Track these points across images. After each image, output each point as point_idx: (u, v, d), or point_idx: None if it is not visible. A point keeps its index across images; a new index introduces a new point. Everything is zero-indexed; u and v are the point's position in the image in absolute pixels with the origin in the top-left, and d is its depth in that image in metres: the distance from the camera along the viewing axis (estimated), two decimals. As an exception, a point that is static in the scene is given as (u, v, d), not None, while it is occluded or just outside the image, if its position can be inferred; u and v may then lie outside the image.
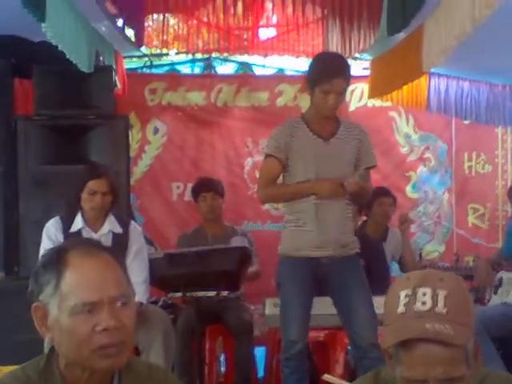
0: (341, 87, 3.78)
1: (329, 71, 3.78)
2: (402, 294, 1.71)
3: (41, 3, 3.79)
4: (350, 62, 6.90)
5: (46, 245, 4.15)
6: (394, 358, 1.71)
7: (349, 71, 3.89)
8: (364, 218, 5.88)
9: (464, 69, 6.23)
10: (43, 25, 3.89)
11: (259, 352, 5.30)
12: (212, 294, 4.65)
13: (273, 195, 3.98)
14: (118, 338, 1.70)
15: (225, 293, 4.72)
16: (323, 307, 3.98)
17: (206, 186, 5.50)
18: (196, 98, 6.94)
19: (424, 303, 1.67)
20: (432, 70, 5.88)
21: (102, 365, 1.71)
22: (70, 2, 4.39)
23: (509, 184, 6.90)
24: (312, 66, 3.94)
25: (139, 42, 6.41)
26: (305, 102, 5.65)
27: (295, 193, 3.86)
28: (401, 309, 1.69)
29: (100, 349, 1.69)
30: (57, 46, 4.15)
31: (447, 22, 4.24)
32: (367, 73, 6.62)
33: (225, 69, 7.31)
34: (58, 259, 1.74)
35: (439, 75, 6.45)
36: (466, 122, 7.01)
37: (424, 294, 1.68)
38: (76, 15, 4.51)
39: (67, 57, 4.31)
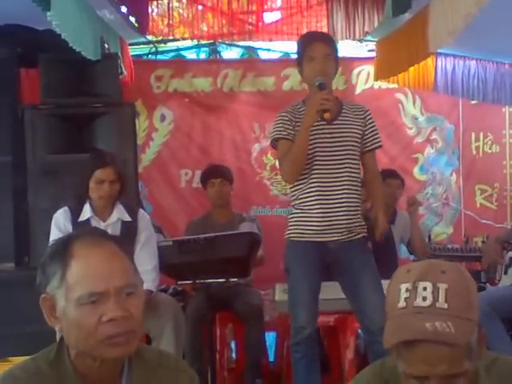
0: (323, 50, 3.81)
1: (308, 39, 3.92)
2: (403, 287, 1.68)
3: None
4: (356, 44, 6.96)
5: (54, 235, 4.14)
6: (396, 354, 1.69)
7: (330, 38, 4.02)
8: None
9: (471, 48, 6.20)
10: (48, 14, 3.86)
11: (270, 337, 5.32)
12: (221, 280, 4.66)
13: (290, 165, 3.82)
14: (126, 327, 1.71)
15: (234, 279, 4.73)
16: (333, 292, 3.96)
17: (214, 172, 5.51)
18: (202, 84, 6.93)
19: (425, 298, 1.65)
20: (439, 51, 5.84)
21: (110, 354, 1.72)
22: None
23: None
24: (296, 47, 4.01)
25: (143, 28, 6.39)
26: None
27: (298, 143, 3.75)
28: (401, 303, 1.68)
29: (107, 339, 1.70)
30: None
31: (453, 3, 4.22)
32: (373, 55, 6.59)
33: (230, 53, 7.29)
34: (63, 250, 1.75)
35: (446, 55, 6.41)
36: (473, 102, 6.98)
37: (425, 289, 1.66)
38: (80, 3, 4.49)
39: (70, 45, 4.29)
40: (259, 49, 7.26)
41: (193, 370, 2.03)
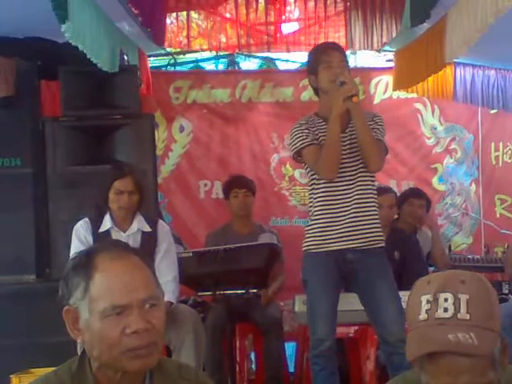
0: (339, 57, 3.86)
1: (324, 47, 4.00)
2: (424, 299, 1.67)
3: (63, 3, 3.77)
4: (374, 54, 6.96)
5: (75, 246, 4.18)
6: (419, 366, 1.68)
7: (343, 48, 4.12)
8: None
9: (490, 57, 6.17)
10: (63, 26, 3.86)
11: (290, 347, 5.31)
12: (241, 291, 4.65)
13: (326, 160, 3.76)
14: (149, 339, 1.71)
15: (254, 290, 4.72)
16: (353, 303, 3.93)
17: (239, 183, 5.50)
18: (221, 94, 6.95)
19: (446, 310, 1.64)
20: (457, 60, 5.83)
21: (133, 366, 1.72)
22: (92, 2, 4.39)
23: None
24: (308, 57, 4.05)
25: (161, 40, 6.41)
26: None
27: (331, 133, 3.75)
28: (423, 315, 1.66)
29: (131, 351, 1.70)
30: (81, 47, 4.16)
31: (470, 13, 4.21)
32: (391, 65, 6.59)
33: (248, 64, 7.31)
34: (86, 263, 1.75)
35: (465, 65, 6.39)
36: (493, 112, 6.94)
37: (446, 300, 1.64)
38: (99, 15, 4.50)
39: (88, 57, 4.31)
40: (277, 59, 7.27)
41: (213, 381, 2.04)
